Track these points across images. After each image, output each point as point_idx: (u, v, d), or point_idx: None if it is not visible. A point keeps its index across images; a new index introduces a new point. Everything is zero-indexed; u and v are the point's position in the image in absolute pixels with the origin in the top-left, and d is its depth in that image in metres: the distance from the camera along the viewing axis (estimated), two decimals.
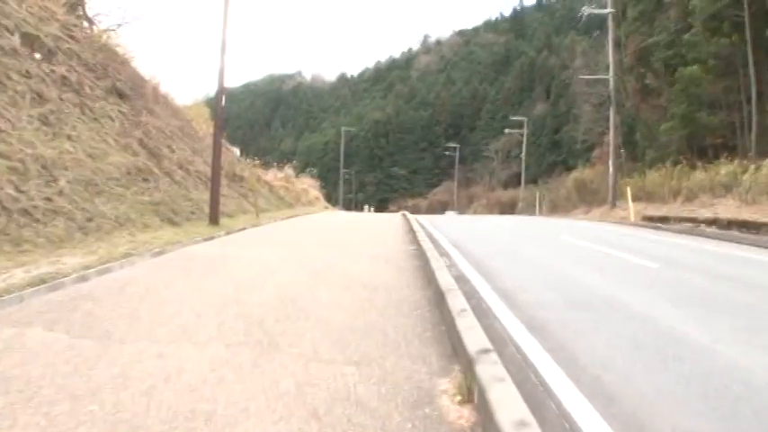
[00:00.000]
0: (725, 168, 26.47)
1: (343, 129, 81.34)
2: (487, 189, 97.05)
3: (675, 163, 32.42)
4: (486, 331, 4.90)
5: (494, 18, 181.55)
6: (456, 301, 5.68)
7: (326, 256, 10.45)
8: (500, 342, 5.14)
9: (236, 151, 38.06)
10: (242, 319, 5.51)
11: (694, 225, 22.79)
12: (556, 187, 60.97)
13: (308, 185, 51.75)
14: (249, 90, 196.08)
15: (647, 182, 32.56)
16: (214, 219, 15.40)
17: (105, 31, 24.14)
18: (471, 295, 7.02)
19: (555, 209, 52.96)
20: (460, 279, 8.09)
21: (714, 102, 32.83)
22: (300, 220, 23.31)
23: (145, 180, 14.79)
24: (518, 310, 6.48)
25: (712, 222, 22.07)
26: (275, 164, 47.83)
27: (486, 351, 4.13)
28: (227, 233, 14.31)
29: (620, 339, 5.59)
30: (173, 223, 13.94)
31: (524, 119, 72.22)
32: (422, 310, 6.25)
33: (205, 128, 27.08)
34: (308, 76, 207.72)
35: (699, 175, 27.71)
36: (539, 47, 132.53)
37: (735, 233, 19.60)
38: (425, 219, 27.05)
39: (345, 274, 8.42)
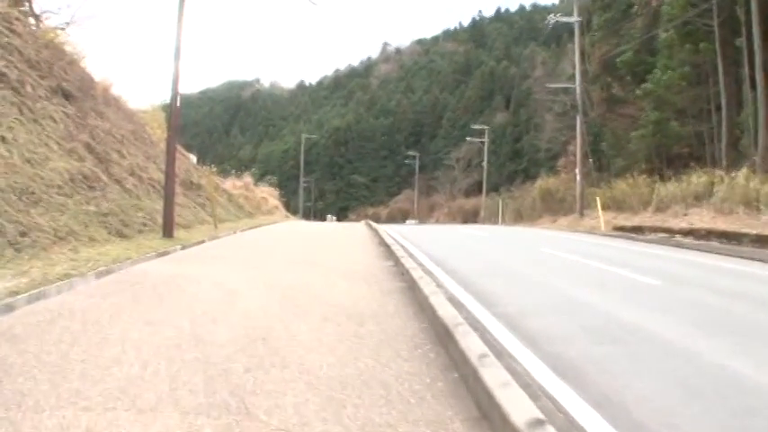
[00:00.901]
0: (697, 178, 26.05)
1: (303, 136, 79.87)
2: (448, 198, 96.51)
3: (644, 172, 32.05)
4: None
5: (453, 27, 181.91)
6: (470, 342, 4.56)
7: (297, 275, 9.25)
8: (531, 394, 4.05)
9: (193, 158, 36.47)
10: (202, 367, 4.29)
11: (669, 235, 22.23)
12: (520, 196, 60.45)
13: (268, 194, 50.25)
14: (207, 97, 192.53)
15: (616, 191, 32.03)
16: (168, 231, 13.98)
17: (54, 29, 22.64)
18: (474, 326, 5.92)
19: (519, 218, 52.40)
20: (454, 304, 6.99)
21: (682, 111, 32.57)
22: (262, 232, 21.98)
23: (91, 188, 13.35)
24: (535, 346, 5.42)
25: (688, 233, 21.52)
26: (234, 172, 46.31)
27: (539, 423, 3.03)
28: (183, 247, 12.96)
29: (669, 383, 4.55)
30: (122, 236, 12.55)
31: (486, 127, 71.88)
32: (423, 348, 5.12)
33: (160, 133, 25.56)
34: (266, 83, 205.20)
35: (671, 185, 27.21)
36: (498, 56, 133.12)
37: (714, 244, 19.03)
38: (391, 229, 25.95)
39: (322, 298, 7.23)
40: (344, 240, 18.02)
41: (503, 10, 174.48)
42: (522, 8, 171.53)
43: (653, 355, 5.38)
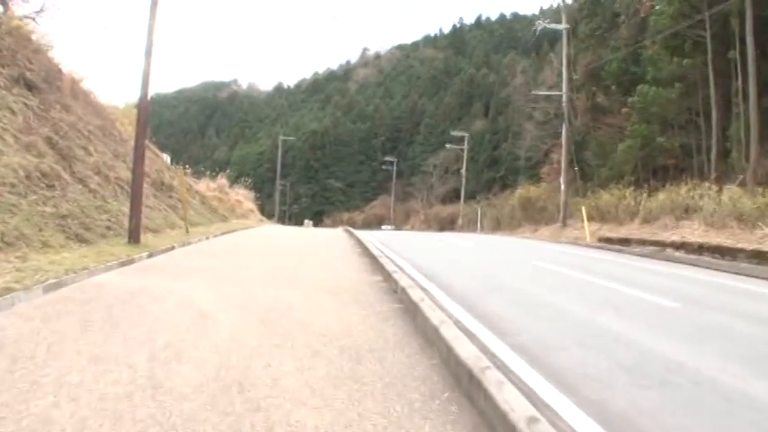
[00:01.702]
0: (686, 190, 25.48)
1: (281, 137, 78.42)
2: (425, 204, 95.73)
3: (629, 183, 31.45)
4: None
5: (433, 34, 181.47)
6: (509, 397, 3.53)
7: (277, 292, 8.14)
8: None
9: (167, 158, 35.13)
10: None
11: (660, 248, 21.55)
12: (499, 204, 59.75)
13: (243, 197, 48.95)
14: (183, 96, 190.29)
15: (601, 201, 31.32)
16: (135, 236, 12.69)
17: (20, 17, 21.36)
18: (494, 364, 4.91)
19: (497, 226, 51.64)
20: (463, 331, 5.97)
21: (668, 122, 32.02)
22: (237, 237, 20.78)
23: (50, 187, 12.12)
24: (572, 392, 4.43)
25: (680, 246, 20.83)
26: (208, 173, 44.97)
27: None
28: (150, 255, 11.73)
29: None
30: (82, 241, 11.33)
31: (466, 134, 71.21)
32: (440, 398, 4.08)
33: (131, 130, 24.31)
34: (244, 84, 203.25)
35: (660, 197, 26.56)
36: (478, 64, 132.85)
37: (707, 258, 18.31)
38: (370, 235, 24.92)
39: (308, 324, 6.12)
40: (325, 249, 16.91)
41: (483, 18, 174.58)
42: (502, 16, 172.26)
43: (714, 403, 4.46)
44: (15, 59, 16.40)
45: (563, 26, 35.22)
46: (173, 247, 13.64)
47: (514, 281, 11.29)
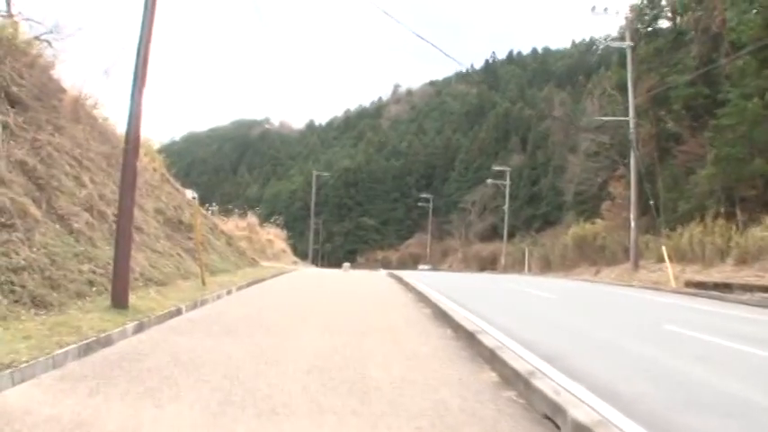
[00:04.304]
0: None
1: (314, 173, 75.48)
2: (463, 243, 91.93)
3: (715, 217, 27.44)
4: None
5: (465, 69, 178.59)
6: None
7: None
8: None
9: (191, 194, 31.73)
10: None
11: None
12: (547, 242, 55.76)
13: (274, 236, 45.83)
14: (216, 135, 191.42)
15: (684, 239, 27.27)
16: (120, 297, 8.73)
17: (35, 38, 18.43)
18: None
19: (547, 267, 47.89)
20: None
21: (753, 146, 27.94)
22: (265, 290, 17.13)
23: (6, 227, 8.65)
24: None
25: None
26: (237, 211, 41.78)
27: None
28: (138, 328, 7.88)
29: None
30: (42, 306, 7.76)
31: (508, 169, 67.69)
32: None
33: (147, 161, 21.15)
34: (276, 122, 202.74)
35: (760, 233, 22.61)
36: (512, 98, 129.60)
37: None
38: (417, 280, 21.17)
39: None
40: (384, 310, 12.84)
41: (515, 52, 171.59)
42: (534, 51, 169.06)
43: None
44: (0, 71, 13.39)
45: (627, 44, 31.76)
46: (179, 311, 9.85)
47: (683, 368, 7.35)
